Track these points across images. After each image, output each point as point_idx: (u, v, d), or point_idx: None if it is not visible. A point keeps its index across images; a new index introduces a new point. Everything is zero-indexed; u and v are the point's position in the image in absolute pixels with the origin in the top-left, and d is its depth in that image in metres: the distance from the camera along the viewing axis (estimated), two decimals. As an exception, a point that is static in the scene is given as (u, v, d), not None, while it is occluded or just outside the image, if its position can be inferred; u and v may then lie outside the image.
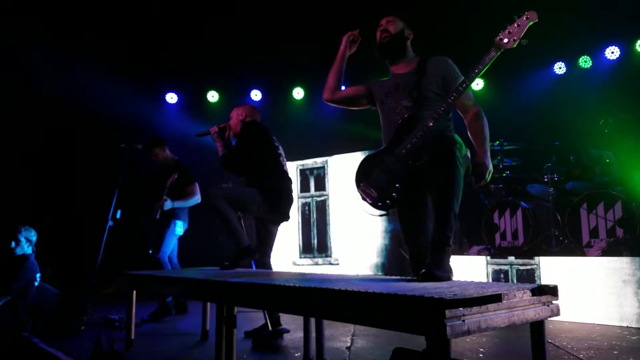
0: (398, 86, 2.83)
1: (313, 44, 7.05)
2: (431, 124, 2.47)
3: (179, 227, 5.08)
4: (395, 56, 2.91)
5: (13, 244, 4.48)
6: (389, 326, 1.62)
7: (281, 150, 3.94)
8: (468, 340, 3.45)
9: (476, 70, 2.45)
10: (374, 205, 2.67)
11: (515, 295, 1.61)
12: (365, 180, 2.69)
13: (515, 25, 2.43)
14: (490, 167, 2.63)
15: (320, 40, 7.06)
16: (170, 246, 5.02)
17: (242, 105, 4.13)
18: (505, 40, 2.42)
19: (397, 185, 2.59)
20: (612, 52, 6.60)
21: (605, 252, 4.46)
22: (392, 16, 2.94)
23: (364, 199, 2.70)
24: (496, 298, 1.54)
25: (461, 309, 1.43)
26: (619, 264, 4.01)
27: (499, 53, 2.44)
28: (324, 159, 7.50)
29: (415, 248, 2.73)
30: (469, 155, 2.63)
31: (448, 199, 2.31)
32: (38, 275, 4.52)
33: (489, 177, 2.63)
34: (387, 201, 2.62)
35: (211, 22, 7.42)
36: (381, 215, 2.72)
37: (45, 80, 7.20)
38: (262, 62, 7.79)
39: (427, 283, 2.01)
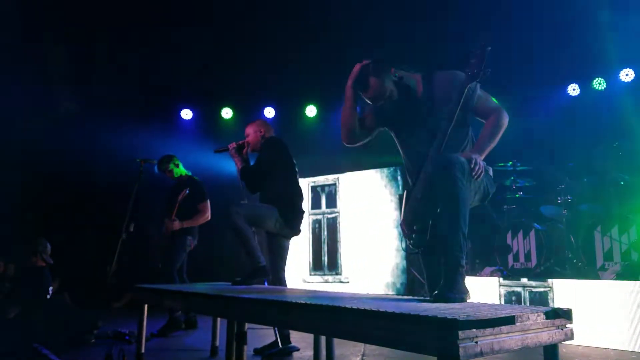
0: (402, 111, 2.80)
1: (326, 61, 7.13)
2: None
3: (189, 242, 5.10)
4: (365, 91, 2.81)
5: (34, 258, 4.53)
6: (401, 346, 1.61)
7: (296, 167, 4.00)
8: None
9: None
10: (407, 239, 2.72)
11: (529, 318, 1.60)
12: (403, 217, 2.71)
13: (474, 59, 2.39)
14: (476, 160, 2.41)
15: (333, 57, 7.16)
16: (179, 260, 5.04)
17: (257, 122, 4.16)
18: (471, 74, 2.40)
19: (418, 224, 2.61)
20: (627, 75, 6.57)
21: (620, 276, 4.40)
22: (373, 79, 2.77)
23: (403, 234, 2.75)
24: (510, 320, 1.53)
25: (474, 330, 1.42)
26: (634, 288, 3.95)
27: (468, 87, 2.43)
28: (336, 176, 7.53)
29: (431, 270, 2.69)
30: (491, 173, 2.60)
31: (453, 220, 2.29)
32: (51, 287, 4.55)
33: (478, 172, 2.41)
34: (413, 235, 2.66)
35: (225, 40, 7.53)
36: (412, 253, 2.76)
37: (63, 95, 7.33)
38: (276, 79, 7.87)
39: (440, 304, 2.00)
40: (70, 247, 6.40)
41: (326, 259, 7.38)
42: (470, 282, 4.98)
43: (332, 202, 7.50)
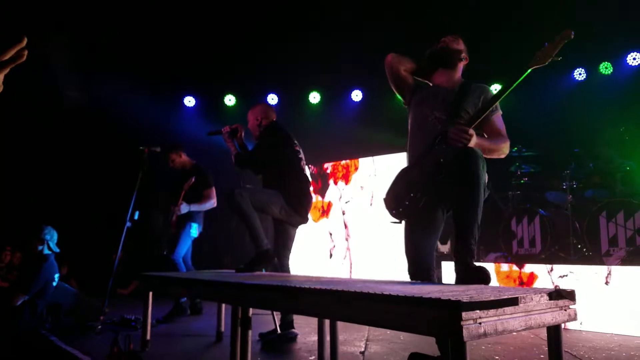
0: (437, 96, 2.83)
1: (330, 47, 7.09)
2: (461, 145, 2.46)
3: (194, 230, 5.12)
4: (443, 65, 2.89)
5: (40, 245, 4.55)
6: (405, 328, 1.61)
7: (302, 154, 3.95)
8: (484, 347, 3.41)
9: (507, 88, 2.52)
10: (390, 212, 2.80)
11: (532, 299, 1.59)
12: (391, 189, 2.82)
13: (552, 45, 2.51)
14: (466, 130, 2.46)
15: (336, 44, 7.13)
16: (185, 248, 5.07)
17: (257, 106, 4.13)
18: (539, 59, 2.51)
19: (411, 194, 2.68)
20: (634, 59, 6.50)
21: (625, 261, 4.39)
22: (455, 36, 2.92)
23: (385, 206, 2.83)
24: (513, 301, 1.53)
25: (477, 311, 1.42)
26: (639, 274, 3.94)
27: (529, 71, 2.51)
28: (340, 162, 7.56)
29: (414, 257, 2.76)
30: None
31: (472, 211, 2.38)
32: (57, 275, 4.58)
33: (457, 138, 2.47)
34: (400, 209, 2.74)
35: (228, 27, 7.50)
36: (394, 223, 2.83)
37: (67, 85, 7.33)
38: (279, 66, 7.84)
39: (443, 286, 2.00)
40: (76, 236, 6.43)
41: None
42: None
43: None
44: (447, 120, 2.71)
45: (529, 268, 4.58)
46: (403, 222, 2.82)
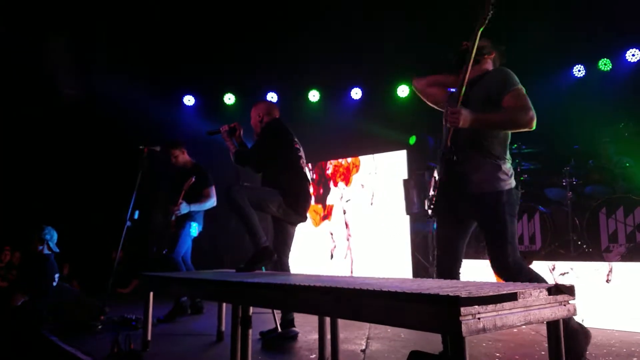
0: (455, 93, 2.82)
1: (329, 46, 7.09)
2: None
3: (194, 229, 5.11)
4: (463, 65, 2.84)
5: (40, 245, 4.55)
6: (405, 325, 1.61)
7: (302, 152, 3.92)
8: (484, 344, 3.41)
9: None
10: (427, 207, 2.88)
11: (531, 294, 1.60)
12: (429, 184, 2.88)
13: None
14: (459, 111, 2.51)
15: (336, 42, 7.12)
16: (185, 247, 5.06)
17: (260, 103, 4.12)
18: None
19: (433, 192, 2.79)
20: (633, 55, 6.49)
21: (625, 257, 4.39)
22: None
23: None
24: (512, 297, 1.53)
25: (476, 307, 1.42)
26: (639, 269, 3.94)
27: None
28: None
29: (442, 259, 2.82)
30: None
31: (503, 240, 2.53)
32: (57, 275, 4.58)
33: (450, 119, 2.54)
34: (432, 206, 2.81)
35: (227, 25, 7.49)
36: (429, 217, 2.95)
37: (66, 83, 7.33)
38: (278, 65, 7.84)
39: (443, 282, 2.00)
40: (76, 235, 6.44)
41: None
42: (474, 265, 5.01)
43: (336, 188, 7.53)
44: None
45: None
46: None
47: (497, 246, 2.57)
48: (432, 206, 2.80)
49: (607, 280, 4.04)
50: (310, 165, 7.66)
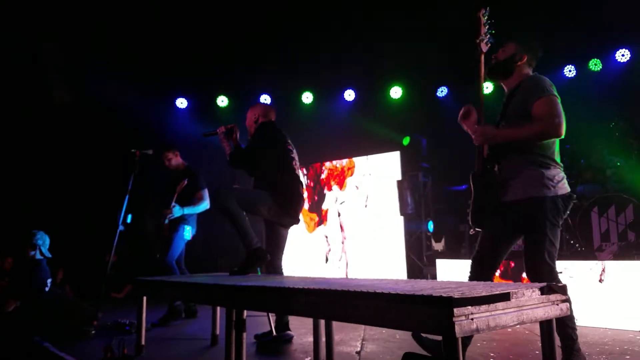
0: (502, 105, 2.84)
1: (322, 47, 7.10)
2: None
3: (187, 232, 5.09)
4: (499, 79, 2.86)
5: (32, 251, 4.51)
6: (399, 326, 1.61)
7: (295, 154, 3.90)
8: (479, 344, 3.42)
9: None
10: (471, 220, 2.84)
11: (524, 294, 1.60)
12: (473, 208, 2.81)
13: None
14: (480, 130, 2.63)
15: (329, 44, 7.13)
16: (178, 250, 5.03)
17: (257, 105, 4.10)
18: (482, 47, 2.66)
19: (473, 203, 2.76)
20: (623, 55, 6.55)
21: (617, 256, 4.42)
22: (508, 42, 2.82)
23: None
24: (505, 297, 1.53)
25: (469, 307, 1.42)
26: (631, 268, 3.96)
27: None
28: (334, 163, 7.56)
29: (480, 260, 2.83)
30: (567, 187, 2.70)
31: (541, 250, 2.49)
32: (49, 280, 4.55)
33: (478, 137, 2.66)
34: (474, 217, 2.78)
35: (220, 28, 7.48)
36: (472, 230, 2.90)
37: (57, 86, 7.29)
38: (271, 67, 7.84)
39: (436, 283, 2.01)
40: (68, 240, 6.39)
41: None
42: (468, 265, 5.02)
43: (329, 190, 7.53)
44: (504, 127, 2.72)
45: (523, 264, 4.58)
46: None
47: (533, 255, 2.50)
48: (474, 217, 2.75)
49: (600, 280, 4.06)
50: (304, 169, 7.65)
